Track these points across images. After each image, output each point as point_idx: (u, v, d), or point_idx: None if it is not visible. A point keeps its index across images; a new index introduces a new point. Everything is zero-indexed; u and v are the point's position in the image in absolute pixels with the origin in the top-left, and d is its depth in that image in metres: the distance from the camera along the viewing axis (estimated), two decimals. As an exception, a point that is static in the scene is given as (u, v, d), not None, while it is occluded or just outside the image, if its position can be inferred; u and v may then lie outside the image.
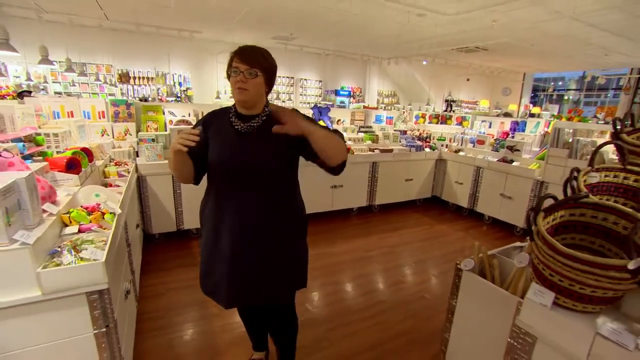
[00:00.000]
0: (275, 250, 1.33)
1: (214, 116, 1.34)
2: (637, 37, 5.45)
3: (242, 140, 1.26)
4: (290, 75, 8.43)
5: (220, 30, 6.56)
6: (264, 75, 1.22)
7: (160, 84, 7.15)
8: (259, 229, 1.29)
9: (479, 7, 4.46)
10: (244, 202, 1.27)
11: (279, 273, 1.36)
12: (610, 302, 1.01)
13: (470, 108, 10.86)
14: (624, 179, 1.22)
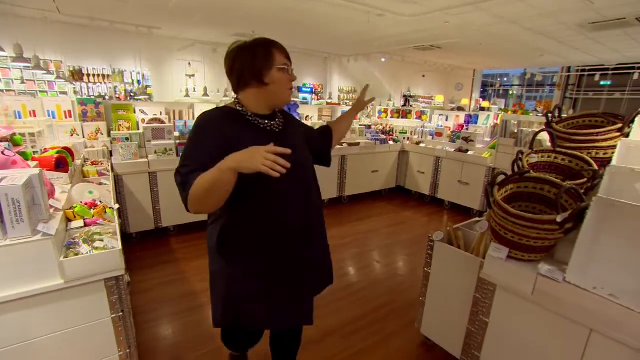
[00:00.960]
0: (325, 249, 1.33)
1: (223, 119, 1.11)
2: (564, 40, 6.23)
3: (279, 139, 1.10)
4: (254, 72, 8.47)
5: (180, 26, 6.45)
6: None
7: (118, 82, 6.87)
8: (317, 229, 1.26)
9: (434, 9, 4.87)
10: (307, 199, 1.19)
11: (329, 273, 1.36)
12: (547, 251, 1.33)
13: (426, 103, 11.57)
14: (555, 158, 1.56)
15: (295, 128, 1.26)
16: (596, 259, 1.19)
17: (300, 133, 1.25)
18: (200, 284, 2.61)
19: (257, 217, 1.12)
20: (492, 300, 1.47)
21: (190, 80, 7.78)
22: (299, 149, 1.17)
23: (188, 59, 7.39)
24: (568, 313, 1.21)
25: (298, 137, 1.23)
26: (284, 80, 1.10)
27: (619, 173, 1.24)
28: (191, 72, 7.71)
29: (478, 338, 1.55)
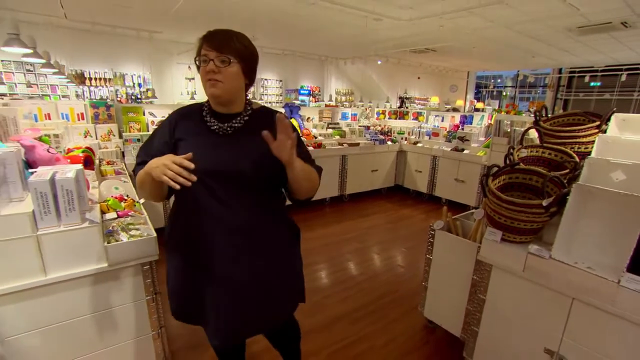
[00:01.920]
0: (270, 265, 1.16)
1: (181, 115, 1.16)
2: (554, 43, 6.49)
3: (220, 143, 1.09)
4: (252, 75, 8.65)
5: (181, 30, 6.61)
6: (240, 64, 1.04)
7: (119, 85, 7.00)
8: (247, 242, 1.11)
9: (429, 14, 5.09)
10: (229, 214, 1.08)
11: (279, 291, 1.20)
12: (535, 233, 1.52)
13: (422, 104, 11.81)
14: (542, 153, 1.75)
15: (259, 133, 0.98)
16: (577, 238, 1.38)
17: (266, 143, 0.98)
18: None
19: (184, 211, 1.15)
20: (489, 280, 1.65)
21: (190, 83, 7.94)
22: (240, 156, 1.06)
23: (188, 62, 7.54)
24: (554, 285, 1.40)
25: (251, 145, 1.07)
26: (202, 73, 1.04)
27: (596, 164, 1.43)
28: (191, 75, 7.87)
29: (476, 315, 1.73)
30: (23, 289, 1.27)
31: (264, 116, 1.16)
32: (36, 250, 1.28)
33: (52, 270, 1.32)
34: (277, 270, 1.19)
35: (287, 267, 1.24)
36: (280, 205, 1.22)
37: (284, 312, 1.27)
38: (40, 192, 1.26)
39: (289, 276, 1.25)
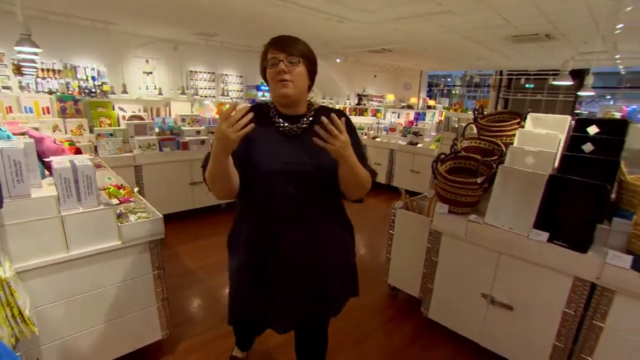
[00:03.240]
0: (330, 258, 1.25)
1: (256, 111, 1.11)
2: (495, 48, 7.33)
3: (291, 144, 1.15)
4: (212, 71, 8.63)
5: (139, 23, 6.50)
6: (306, 64, 1.11)
7: (70, 78, 6.71)
8: (310, 237, 1.19)
9: (386, 19, 5.58)
10: (295, 211, 1.15)
11: (336, 283, 1.30)
12: (473, 206, 1.97)
13: (379, 102, 12.50)
14: (478, 143, 2.22)
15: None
16: (502, 207, 1.84)
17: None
18: (193, 264, 2.99)
19: (251, 217, 1.21)
20: (439, 245, 2.09)
21: (148, 77, 7.78)
22: (308, 157, 1.11)
23: (147, 56, 7.40)
24: (486, 244, 1.86)
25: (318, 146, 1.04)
26: (272, 75, 1.10)
27: (516, 151, 1.91)
28: (149, 69, 7.71)
29: (431, 275, 2.17)
30: (49, 264, 1.46)
31: (325, 115, 1.15)
32: (60, 229, 1.47)
33: (73, 248, 1.51)
34: (336, 263, 1.28)
35: (344, 261, 1.33)
36: (340, 204, 1.29)
37: (340, 303, 1.36)
38: (64, 177, 1.46)
39: (346, 269, 1.35)
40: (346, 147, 1.01)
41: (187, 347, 2.05)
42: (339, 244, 1.29)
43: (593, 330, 1.58)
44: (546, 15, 4.73)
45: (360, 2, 4.80)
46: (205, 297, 2.58)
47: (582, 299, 1.60)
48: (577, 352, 1.64)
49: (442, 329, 2.20)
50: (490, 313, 1.92)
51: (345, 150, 1.01)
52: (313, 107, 1.22)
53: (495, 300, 1.88)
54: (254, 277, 1.23)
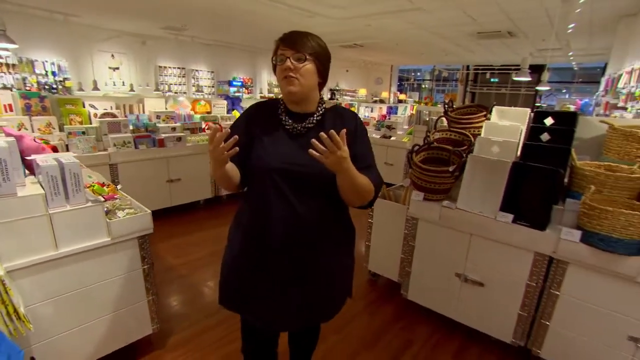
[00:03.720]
0: (328, 264, 1.23)
1: (260, 110, 1.23)
2: (461, 44, 7.68)
3: (294, 143, 1.14)
4: (182, 66, 8.45)
5: (104, 15, 6.26)
6: (315, 62, 1.10)
7: (27, 73, 6.36)
8: (305, 237, 1.17)
9: (357, 15, 5.71)
10: (292, 211, 1.14)
11: (329, 286, 1.26)
12: (446, 193, 2.14)
13: (351, 96, 12.70)
14: (449, 135, 2.39)
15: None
16: (472, 193, 2.02)
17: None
18: (174, 261, 3.01)
19: (252, 202, 1.22)
20: (416, 230, 2.25)
21: (114, 73, 7.50)
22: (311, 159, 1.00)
23: (112, 50, 7.13)
24: (459, 227, 2.03)
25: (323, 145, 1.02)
26: (279, 72, 1.10)
27: (483, 141, 2.09)
28: (115, 64, 7.44)
29: (409, 259, 2.33)
30: (38, 262, 1.47)
31: (335, 116, 1.20)
32: (49, 227, 1.48)
33: (62, 245, 1.53)
34: (330, 266, 1.24)
35: (339, 264, 1.29)
36: (342, 206, 1.24)
37: (333, 307, 1.32)
38: (51, 175, 1.47)
39: (341, 273, 1.31)
40: (343, 161, 0.98)
41: (175, 341, 2.10)
42: (335, 247, 1.25)
43: (551, 298, 1.79)
44: (507, 14, 5.04)
45: (332, -2, 4.89)
46: (189, 293, 2.62)
47: (542, 271, 1.81)
48: (537, 319, 1.86)
49: (421, 309, 2.37)
50: (463, 290, 2.10)
51: (342, 164, 0.99)
52: (323, 105, 1.20)
53: (468, 278, 2.06)
54: (247, 271, 1.22)
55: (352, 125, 1.18)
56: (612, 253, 1.56)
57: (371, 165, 1.20)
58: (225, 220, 4.00)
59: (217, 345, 2.09)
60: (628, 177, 1.65)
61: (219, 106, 4.72)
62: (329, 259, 1.24)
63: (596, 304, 1.67)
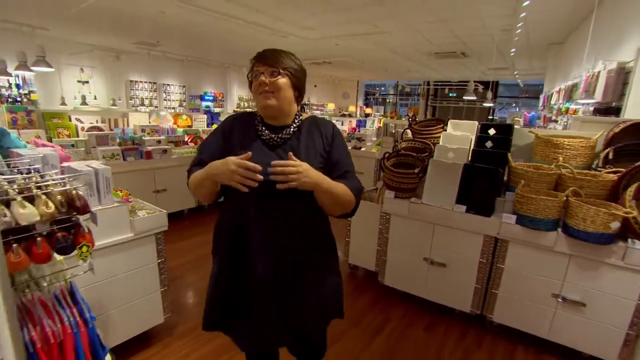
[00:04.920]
0: (311, 279, 1.24)
1: (236, 122, 1.26)
2: (422, 62, 8.51)
3: (272, 154, 1.16)
4: (153, 81, 8.60)
5: (74, 30, 6.37)
6: (288, 75, 1.14)
7: (-9, 86, 6.28)
8: (286, 251, 1.17)
9: (327, 36, 6.28)
10: (272, 224, 1.15)
11: (312, 303, 1.24)
12: (413, 191, 2.62)
13: (320, 110, 13.29)
14: (414, 144, 2.89)
15: (306, 145, 1.19)
16: (434, 190, 2.50)
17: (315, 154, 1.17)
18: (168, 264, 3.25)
19: (230, 216, 1.20)
20: (389, 224, 2.70)
21: (83, 87, 7.52)
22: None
23: (81, 64, 7.18)
24: (424, 218, 2.51)
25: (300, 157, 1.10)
26: (255, 87, 1.15)
27: (441, 148, 2.59)
28: (85, 77, 7.47)
29: (384, 249, 2.77)
30: (75, 254, 1.73)
31: (311, 124, 1.24)
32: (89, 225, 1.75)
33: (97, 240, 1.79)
34: (313, 282, 1.24)
35: (323, 280, 1.29)
36: (321, 218, 1.26)
37: (317, 325, 1.32)
38: (88, 179, 1.75)
39: (325, 289, 1.29)
40: (307, 173, 1.03)
41: (181, 330, 2.37)
42: (314, 259, 1.24)
43: (498, 271, 2.28)
44: (459, 38, 5.81)
45: (303, 21, 5.40)
46: (188, 290, 2.88)
47: (490, 250, 2.31)
48: (489, 289, 2.35)
49: (397, 293, 2.80)
50: (430, 272, 2.56)
51: (310, 177, 1.03)
52: (300, 117, 1.24)
53: (433, 261, 2.53)
54: (229, 286, 1.22)
55: (329, 132, 1.24)
56: (537, 230, 2.08)
57: (349, 171, 1.22)
58: (208, 228, 4.26)
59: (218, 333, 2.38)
60: (547, 173, 2.20)
61: (199, 120, 5.01)
62: (311, 273, 1.24)
63: (529, 271, 2.18)
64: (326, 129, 1.25)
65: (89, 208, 1.09)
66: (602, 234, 1.86)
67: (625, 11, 3.15)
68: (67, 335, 1.01)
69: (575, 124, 2.71)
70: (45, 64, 3.53)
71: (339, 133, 1.29)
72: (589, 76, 3.12)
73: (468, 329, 2.47)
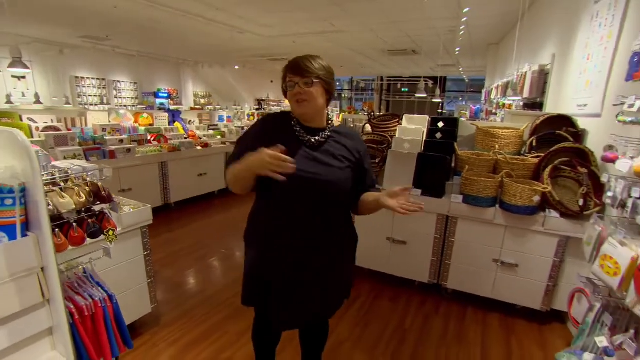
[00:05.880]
0: (331, 263, 1.39)
1: (273, 122, 1.38)
2: (376, 59, 8.99)
3: (309, 153, 1.29)
4: (102, 77, 8.25)
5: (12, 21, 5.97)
6: (321, 83, 1.25)
7: None
8: (320, 246, 1.34)
9: (285, 34, 6.50)
10: (305, 218, 1.31)
11: (335, 285, 1.45)
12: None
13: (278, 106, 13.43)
14: (374, 136, 3.24)
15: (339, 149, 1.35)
16: (393, 177, 2.86)
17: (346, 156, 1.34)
18: (145, 261, 3.34)
19: (267, 210, 1.36)
20: (356, 210, 3.02)
21: (19, 82, 7.05)
22: (327, 167, 1.28)
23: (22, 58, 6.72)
24: (386, 203, 2.86)
25: (335, 158, 1.31)
26: (291, 96, 1.26)
27: (398, 140, 2.96)
28: (20, 73, 6.99)
29: (351, 233, 3.09)
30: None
31: (343, 135, 1.40)
32: (76, 220, 1.87)
33: (86, 235, 1.92)
34: (337, 268, 1.43)
35: (344, 267, 1.50)
36: (347, 215, 1.46)
37: (337, 304, 1.53)
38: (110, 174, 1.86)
39: (345, 274, 1.52)
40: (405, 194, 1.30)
41: (167, 319, 2.52)
42: (339, 251, 1.43)
43: (449, 245, 2.70)
44: (410, 37, 6.31)
45: (262, 18, 5.58)
46: (169, 282, 3.01)
47: (443, 227, 2.71)
48: (443, 261, 2.76)
49: (365, 271, 3.14)
50: (392, 250, 2.93)
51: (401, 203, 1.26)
52: (332, 122, 1.40)
53: (395, 240, 2.90)
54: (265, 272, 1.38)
55: (358, 141, 1.43)
56: (480, 207, 2.51)
57: (375, 180, 1.53)
58: (176, 225, 4.36)
59: (203, 319, 2.57)
60: (486, 159, 2.64)
61: (160, 118, 5.00)
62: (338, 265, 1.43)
63: (474, 242, 2.62)
64: (355, 139, 1.43)
65: (112, 198, 1.25)
66: (527, 206, 2.32)
67: (543, 22, 3.74)
68: (98, 309, 1.18)
69: (508, 116, 3.22)
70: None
71: (364, 144, 1.50)
72: (518, 75, 3.67)
73: (427, 297, 2.87)
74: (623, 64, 1.98)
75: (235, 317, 2.58)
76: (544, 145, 2.63)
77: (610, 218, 1.80)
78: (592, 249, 1.76)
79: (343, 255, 1.46)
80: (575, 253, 2.31)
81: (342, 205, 1.40)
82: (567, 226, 2.30)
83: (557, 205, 2.28)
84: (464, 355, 2.25)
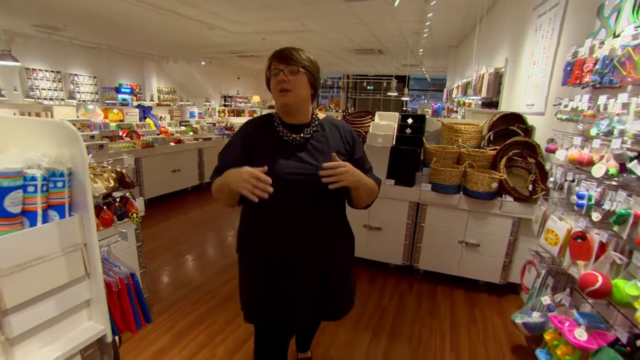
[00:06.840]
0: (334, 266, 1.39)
1: (254, 128, 1.32)
2: (343, 58, 9.31)
3: (293, 153, 1.24)
4: (57, 70, 7.87)
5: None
6: (307, 74, 1.21)
7: None
8: (317, 246, 1.31)
9: (255, 31, 6.60)
10: (298, 220, 1.26)
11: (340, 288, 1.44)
12: (353, 171, 3.23)
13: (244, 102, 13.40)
14: (350, 132, 3.50)
15: (325, 144, 1.29)
16: (369, 169, 3.13)
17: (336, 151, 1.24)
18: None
19: (256, 220, 1.31)
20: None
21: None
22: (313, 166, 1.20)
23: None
24: (363, 193, 3.13)
25: (322, 155, 1.24)
26: (273, 85, 1.20)
27: (372, 135, 3.23)
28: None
29: (330, 223, 3.34)
30: (68, 239, 1.93)
31: (329, 126, 1.34)
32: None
33: (84, 226, 2.01)
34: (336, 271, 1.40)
35: (344, 269, 1.47)
36: (342, 212, 1.42)
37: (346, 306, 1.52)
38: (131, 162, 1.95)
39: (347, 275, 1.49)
40: (353, 171, 1.16)
41: (159, 308, 2.63)
42: (340, 253, 1.41)
43: (420, 229, 3.02)
44: (376, 37, 6.66)
45: (234, 15, 5.66)
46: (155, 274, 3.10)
47: (414, 213, 3.03)
48: (415, 244, 3.08)
49: (342, 258, 3.40)
50: (369, 236, 3.21)
51: (355, 175, 1.16)
52: (316, 117, 1.33)
53: (371, 226, 3.18)
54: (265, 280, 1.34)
55: (347, 132, 1.38)
56: (446, 194, 2.85)
57: (370, 167, 1.44)
58: (152, 221, 4.39)
59: (193, 308, 2.70)
60: (451, 152, 2.99)
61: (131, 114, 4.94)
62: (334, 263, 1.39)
63: (442, 226, 2.95)
64: (344, 129, 1.37)
65: (135, 184, 1.40)
66: (487, 192, 2.68)
67: (498, 28, 4.20)
68: (123, 285, 1.33)
69: (469, 114, 3.61)
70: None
71: (354, 132, 1.44)
72: (477, 77, 4.08)
73: (401, 278, 3.19)
74: (561, 71, 2.38)
75: (221, 305, 2.73)
76: (499, 139, 3.01)
77: (552, 199, 2.18)
78: (539, 226, 2.13)
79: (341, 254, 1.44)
80: (526, 232, 2.70)
81: (336, 202, 1.36)
82: (520, 208, 2.68)
83: (511, 190, 2.66)
84: (436, 326, 2.57)
